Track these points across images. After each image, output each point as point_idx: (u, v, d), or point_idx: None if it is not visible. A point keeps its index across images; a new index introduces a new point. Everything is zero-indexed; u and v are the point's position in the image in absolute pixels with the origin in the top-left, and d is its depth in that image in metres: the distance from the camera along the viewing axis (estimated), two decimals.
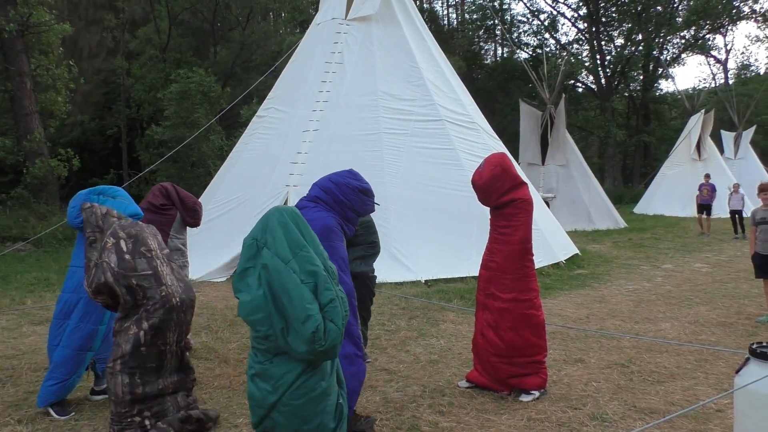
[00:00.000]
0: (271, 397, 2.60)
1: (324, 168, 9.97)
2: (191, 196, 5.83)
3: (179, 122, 17.84)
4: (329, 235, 3.77)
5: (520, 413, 4.19)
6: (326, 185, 4.03)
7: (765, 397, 3.28)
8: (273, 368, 2.59)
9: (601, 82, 37.57)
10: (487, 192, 4.61)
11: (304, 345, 2.48)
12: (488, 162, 4.67)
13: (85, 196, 4.51)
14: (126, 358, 3.58)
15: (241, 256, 2.66)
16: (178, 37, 26.93)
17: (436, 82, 11.36)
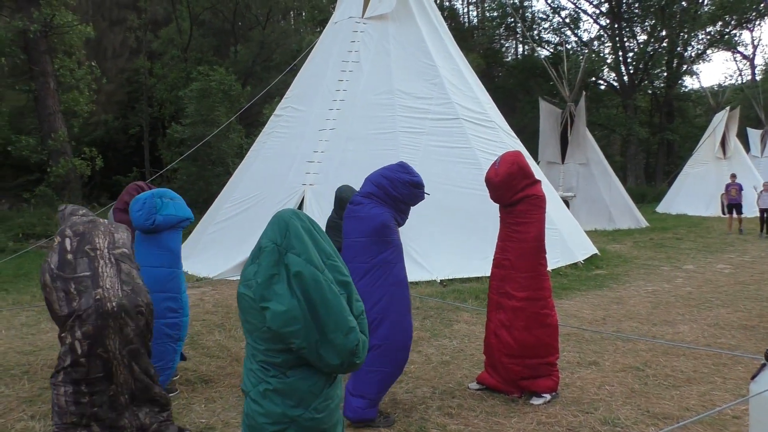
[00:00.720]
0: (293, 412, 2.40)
1: (340, 166, 10.05)
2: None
3: (199, 120, 17.99)
4: (386, 231, 4.01)
5: (530, 416, 4.14)
6: (378, 180, 4.16)
7: None
8: (297, 382, 2.41)
9: (624, 79, 37.05)
10: (502, 190, 4.56)
11: (338, 358, 2.35)
12: (504, 160, 4.60)
13: (151, 199, 4.69)
14: (68, 370, 3.26)
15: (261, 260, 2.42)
16: (200, 37, 27.16)
17: (453, 81, 11.30)
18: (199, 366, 5.34)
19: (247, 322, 2.43)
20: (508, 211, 4.64)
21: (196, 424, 4.10)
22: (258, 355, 2.41)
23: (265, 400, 2.40)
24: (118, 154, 25.65)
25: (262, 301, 2.34)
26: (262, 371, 2.42)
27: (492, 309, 4.68)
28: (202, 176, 18.20)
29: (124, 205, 5.32)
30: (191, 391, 4.77)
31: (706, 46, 39.30)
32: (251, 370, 2.45)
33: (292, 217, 2.49)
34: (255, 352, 2.43)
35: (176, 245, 4.76)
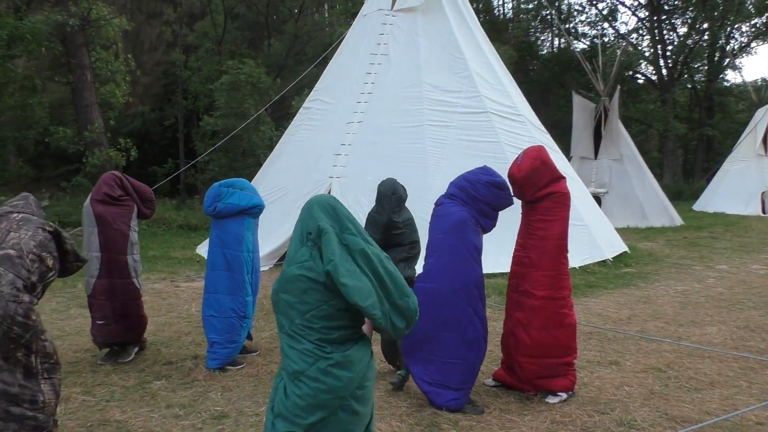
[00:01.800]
0: (353, 384, 2.55)
1: (368, 160, 10.06)
2: (144, 186, 5.68)
3: (230, 113, 18.21)
4: (462, 227, 4.21)
5: (544, 415, 4.08)
6: (460, 183, 4.42)
7: None
8: (354, 353, 2.57)
9: (662, 72, 36.11)
10: (525, 186, 4.48)
11: (403, 321, 2.55)
12: (527, 155, 4.54)
13: (217, 188, 5.22)
14: None
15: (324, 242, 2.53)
16: (234, 30, 27.44)
17: (483, 74, 11.17)
18: None
19: (303, 303, 2.53)
20: (530, 207, 4.56)
21: (211, 411, 4.17)
22: (312, 334, 2.52)
23: (328, 376, 2.50)
24: (153, 146, 26.16)
25: (341, 277, 2.46)
26: (320, 349, 2.53)
27: (511, 307, 4.63)
28: (233, 168, 18.41)
29: (102, 196, 5.25)
30: (209, 379, 4.84)
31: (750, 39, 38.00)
32: (304, 351, 2.52)
33: (335, 202, 2.68)
34: (308, 332, 2.53)
35: (239, 230, 5.14)
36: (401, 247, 4.81)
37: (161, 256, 11.33)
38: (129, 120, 25.96)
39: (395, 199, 4.86)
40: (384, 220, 4.79)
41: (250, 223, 5.24)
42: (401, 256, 4.78)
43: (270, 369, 5.05)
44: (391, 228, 4.78)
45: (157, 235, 14.87)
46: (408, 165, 9.86)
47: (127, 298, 5.28)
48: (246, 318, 5.16)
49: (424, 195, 9.54)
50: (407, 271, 4.79)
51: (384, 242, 4.72)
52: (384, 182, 5.00)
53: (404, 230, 4.83)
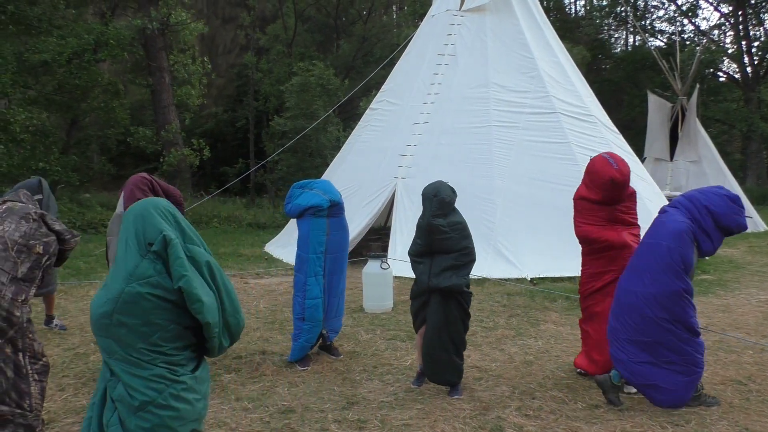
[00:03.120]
0: (200, 405, 2.33)
1: (433, 161, 10.05)
2: (174, 188, 5.20)
3: (299, 114, 18.60)
4: (679, 238, 3.95)
5: (613, 424, 3.96)
6: (692, 193, 4.23)
7: None
8: (201, 372, 2.35)
9: (746, 70, 34.20)
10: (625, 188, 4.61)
11: (229, 340, 2.39)
12: (619, 159, 4.60)
13: (291, 189, 5.36)
14: None
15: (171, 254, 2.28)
16: (304, 32, 28.01)
17: (552, 73, 10.94)
18: (286, 350, 5.53)
19: (148, 324, 2.22)
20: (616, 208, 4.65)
21: (278, 406, 4.27)
22: (159, 358, 2.23)
23: (180, 402, 2.25)
24: (226, 146, 27.08)
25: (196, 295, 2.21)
26: (171, 372, 2.26)
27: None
28: (301, 168, 18.80)
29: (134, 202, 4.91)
30: (276, 374, 4.96)
31: None
32: (152, 378, 2.22)
33: (172, 207, 2.43)
34: (154, 356, 2.23)
35: (305, 231, 5.15)
36: (450, 254, 4.45)
37: (231, 253, 11.69)
38: (203, 121, 26.98)
39: (437, 201, 4.51)
40: (424, 224, 4.51)
41: (317, 223, 5.13)
42: (448, 263, 4.43)
43: (335, 366, 5.12)
44: (434, 232, 4.44)
45: (228, 233, 15.37)
46: (474, 166, 9.80)
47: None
48: (305, 320, 5.12)
49: (488, 197, 9.48)
50: (454, 279, 4.43)
51: (430, 249, 4.48)
52: (428, 186, 4.71)
53: (452, 235, 4.44)
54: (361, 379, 4.85)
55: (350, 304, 7.35)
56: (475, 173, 9.72)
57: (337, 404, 4.31)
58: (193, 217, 15.78)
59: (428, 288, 4.45)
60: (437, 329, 4.45)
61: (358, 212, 10.18)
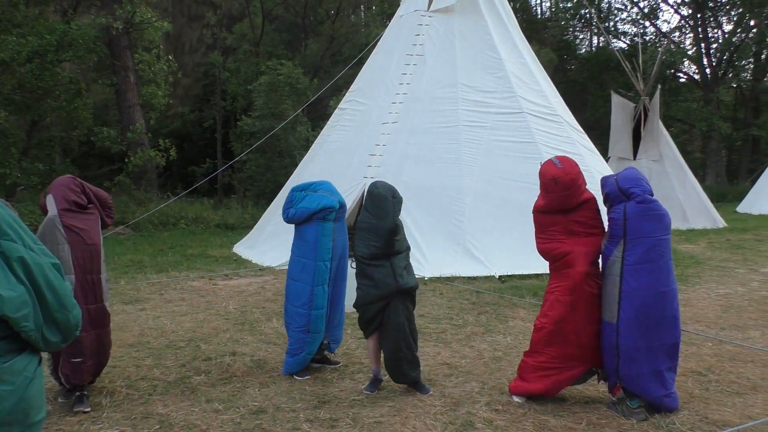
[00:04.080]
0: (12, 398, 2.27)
1: (402, 160, 10.11)
2: (102, 191, 4.74)
3: (267, 113, 18.49)
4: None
5: (580, 416, 4.06)
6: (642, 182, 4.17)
7: None
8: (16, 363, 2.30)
9: (705, 71, 35.18)
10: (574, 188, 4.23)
11: (60, 335, 2.37)
12: (560, 158, 4.38)
13: (290, 194, 5.04)
14: None
15: None
16: (272, 31, 27.83)
17: (519, 74, 11.10)
18: (256, 351, 5.53)
19: None
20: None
21: (249, 407, 4.26)
22: None
23: None
24: (193, 146, 26.74)
25: None
26: None
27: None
28: (270, 168, 18.69)
29: (70, 204, 4.32)
30: (247, 375, 4.94)
31: None
32: None
33: None
34: None
35: (312, 236, 4.80)
36: (401, 254, 4.44)
37: (199, 255, 11.58)
38: (169, 121, 26.60)
39: (396, 203, 4.43)
40: (389, 226, 4.35)
41: (325, 228, 4.80)
42: (404, 262, 4.43)
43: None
44: (394, 235, 4.37)
45: (196, 234, 15.20)
46: (442, 166, 9.89)
47: (101, 327, 4.37)
48: (309, 332, 4.80)
49: (457, 196, 9.58)
50: (412, 279, 4.46)
51: (388, 250, 4.38)
52: (379, 185, 4.53)
53: (401, 236, 4.47)
54: (333, 378, 4.87)
55: None
56: (443, 173, 9.82)
57: (308, 403, 4.32)
58: (160, 218, 15.56)
59: (396, 290, 4.33)
60: (403, 329, 4.38)
61: None
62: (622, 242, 3.97)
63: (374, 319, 4.44)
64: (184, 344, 5.77)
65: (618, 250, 4.00)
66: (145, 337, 5.97)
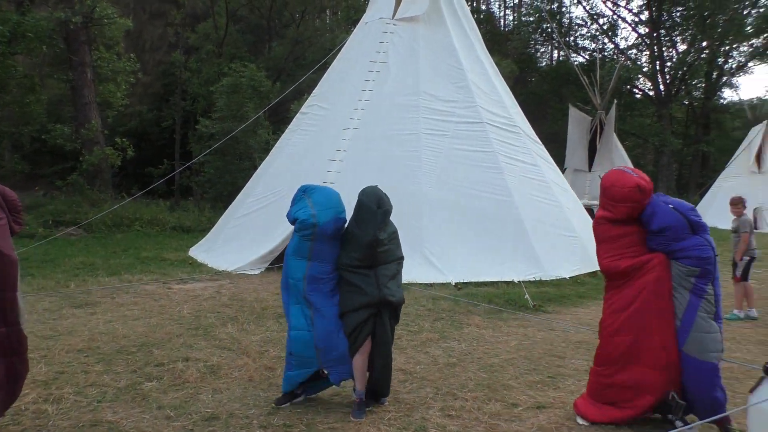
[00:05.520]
0: None
1: (362, 166, 10.12)
2: (9, 190, 3.89)
3: (228, 115, 18.29)
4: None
5: (531, 421, 4.14)
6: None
7: None
8: None
9: (660, 88, 36.38)
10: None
11: None
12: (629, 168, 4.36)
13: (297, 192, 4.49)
14: None
15: None
16: (235, 32, 27.56)
17: (480, 85, 11.29)
18: (210, 357, 5.44)
19: None
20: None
21: (202, 413, 4.19)
22: None
23: None
24: (150, 146, 26.23)
25: None
26: None
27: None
28: (229, 170, 18.48)
29: None
30: (200, 380, 4.86)
31: (747, 59, 38.33)
32: None
33: None
34: None
35: (289, 248, 4.34)
36: (389, 264, 4.22)
37: (154, 258, 11.35)
38: (126, 119, 26.02)
39: (381, 213, 4.17)
40: (369, 239, 4.10)
41: (301, 244, 4.24)
42: (391, 272, 4.20)
43: (261, 372, 5.08)
44: (375, 247, 4.12)
45: (151, 236, 14.89)
46: (403, 173, 9.97)
47: (14, 355, 3.60)
48: (292, 354, 4.30)
49: (416, 203, 9.66)
50: (399, 291, 4.23)
51: (369, 262, 4.15)
52: (366, 192, 4.26)
53: (389, 246, 4.22)
54: None
55: (277, 309, 7.30)
56: (403, 180, 9.88)
57: (262, 410, 4.28)
58: (114, 219, 15.19)
59: (379, 300, 4.10)
60: (388, 343, 4.21)
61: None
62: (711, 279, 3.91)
63: (362, 330, 4.13)
64: (135, 349, 5.64)
65: (710, 287, 3.91)
66: (95, 342, 5.82)
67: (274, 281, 9.21)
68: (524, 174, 10.56)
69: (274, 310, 7.23)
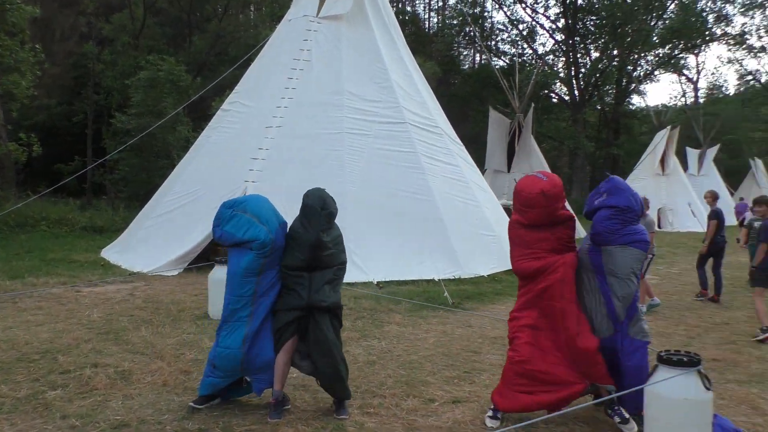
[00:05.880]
0: None
1: (285, 165, 10.02)
2: None
3: (145, 111, 17.60)
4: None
5: (447, 416, 4.22)
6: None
7: (671, 401, 3.47)
8: None
9: (575, 93, 38.12)
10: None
11: None
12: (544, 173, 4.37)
13: (220, 209, 4.23)
14: None
15: None
16: (154, 25, 26.59)
17: (403, 85, 11.41)
18: (121, 362, 5.22)
19: None
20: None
21: (111, 421, 4.02)
22: None
23: None
24: (60, 141, 24.82)
25: None
26: None
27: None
28: (146, 168, 17.80)
29: None
30: (109, 387, 4.66)
31: (654, 67, 40.82)
32: None
33: None
34: None
35: (234, 267, 4.13)
36: (329, 269, 4.18)
37: (62, 259, 10.78)
38: (33, 113, 24.48)
39: (325, 215, 4.16)
40: (312, 239, 4.09)
41: (255, 262, 4.08)
42: (327, 278, 4.16)
43: (176, 376, 4.92)
44: (319, 249, 4.11)
45: (59, 237, 14.12)
46: (325, 172, 9.94)
47: None
48: (215, 368, 4.18)
49: (339, 202, 9.60)
50: (333, 295, 4.17)
51: (311, 264, 4.13)
52: (311, 194, 4.25)
53: (333, 250, 4.19)
54: None
55: (194, 311, 7.10)
56: (326, 178, 9.80)
57: (176, 414, 4.15)
58: (17, 219, 14.28)
59: (307, 304, 4.08)
60: (327, 344, 4.11)
61: (205, 216, 9.85)
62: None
63: (287, 329, 4.10)
64: (38, 357, 5.33)
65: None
66: None
67: (192, 282, 8.96)
68: (445, 174, 10.76)
69: (192, 312, 7.03)
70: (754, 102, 45.67)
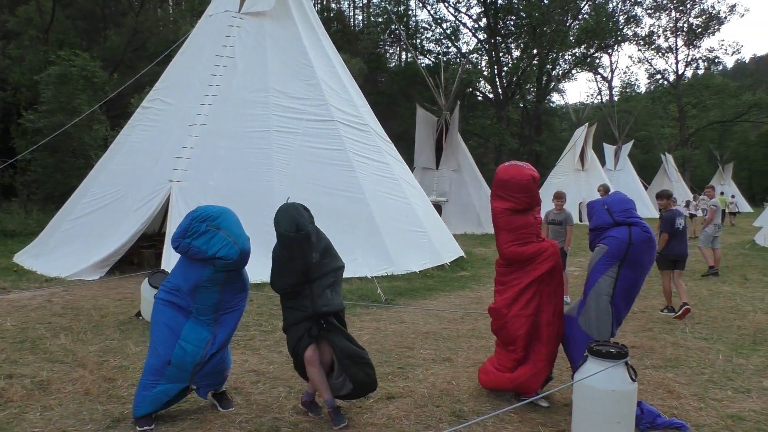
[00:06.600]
0: None
1: (210, 164, 9.77)
2: None
3: (58, 108, 16.67)
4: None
5: (382, 412, 4.25)
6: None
7: (599, 391, 3.57)
8: None
9: (498, 91, 39.18)
10: None
11: None
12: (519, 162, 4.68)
13: (187, 221, 4.03)
14: None
15: None
16: (64, 19, 25.23)
17: (330, 83, 11.35)
18: (38, 372, 4.94)
19: None
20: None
21: None
22: None
23: None
24: None
25: None
26: None
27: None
28: (61, 169, 16.88)
29: None
30: (26, 398, 4.40)
31: (571, 66, 42.52)
32: None
33: None
34: None
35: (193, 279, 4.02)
36: (326, 276, 4.10)
37: None
38: None
39: (302, 238, 3.95)
40: (299, 267, 3.95)
41: (216, 275, 4.00)
42: (327, 282, 4.09)
43: (99, 384, 4.70)
44: (309, 270, 4.01)
45: None
46: (253, 171, 9.78)
47: None
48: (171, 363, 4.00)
49: (268, 201, 9.49)
50: (336, 299, 4.10)
51: (308, 279, 4.04)
52: (280, 220, 4.02)
53: (325, 260, 4.11)
54: (129, 395, 4.51)
55: (118, 316, 6.81)
56: (254, 178, 9.69)
57: (100, 424, 3.98)
58: None
59: (313, 313, 4.01)
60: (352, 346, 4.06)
61: (128, 217, 9.49)
62: (617, 264, 4.15)
63: (299, 344, 4.03)
64: None
65: (613, 270, 4.15)
66: None
67: (115, 287, 8.59)
68: (375, 172, 10.80)
69: (116, 317, 6.74)
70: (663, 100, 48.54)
